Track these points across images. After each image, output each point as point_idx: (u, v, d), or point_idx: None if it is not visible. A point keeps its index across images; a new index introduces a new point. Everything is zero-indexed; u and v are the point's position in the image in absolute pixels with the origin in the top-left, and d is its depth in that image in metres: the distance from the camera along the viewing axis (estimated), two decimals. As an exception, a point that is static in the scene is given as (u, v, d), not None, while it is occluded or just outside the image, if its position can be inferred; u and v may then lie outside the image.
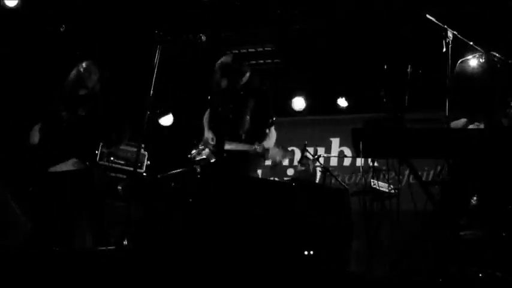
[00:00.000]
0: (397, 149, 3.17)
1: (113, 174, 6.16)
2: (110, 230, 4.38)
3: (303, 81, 6.47)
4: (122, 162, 5.83)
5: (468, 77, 3.23)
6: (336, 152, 6.55)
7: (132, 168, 6.09)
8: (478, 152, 3.24)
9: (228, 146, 4.11)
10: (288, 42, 5.72)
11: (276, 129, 6.75)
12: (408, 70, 3.12)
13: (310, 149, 6.60)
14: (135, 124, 4.02)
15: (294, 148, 6.78)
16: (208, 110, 4.35)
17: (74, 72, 4.49)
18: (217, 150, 4.14)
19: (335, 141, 6.59)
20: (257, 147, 4.06)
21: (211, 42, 4.20)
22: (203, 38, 3.96)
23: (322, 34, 5.49)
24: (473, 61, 3.36)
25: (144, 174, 6.16)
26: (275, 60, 6.18)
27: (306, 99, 6.59)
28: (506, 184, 3.30)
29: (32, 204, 4.21)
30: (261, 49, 5.95)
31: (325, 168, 5.27)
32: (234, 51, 6.06)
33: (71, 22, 5.84)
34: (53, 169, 4.16)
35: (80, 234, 4.97)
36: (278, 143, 6.73)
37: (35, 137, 4.31)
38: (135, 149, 4.69)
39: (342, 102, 6.39)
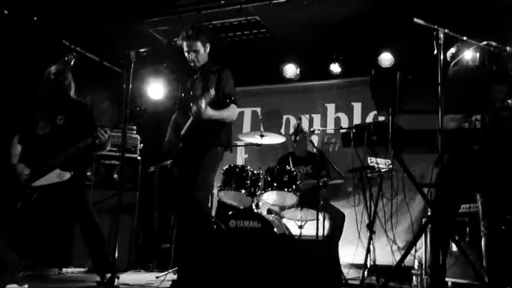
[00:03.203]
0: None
1: (107, 162, 6.14)
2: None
3: (293, 48, 6.20)
4: (114, 148, 5.77)
5: (462, 78, 3.05)
6: (332, 118, 6.40)
7: (127, 154, 6.12)
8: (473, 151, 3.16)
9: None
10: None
11: (269, 97, 6.71)
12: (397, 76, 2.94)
13: (305, 117, 6.49)
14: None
15: (289, 116, 6.65)
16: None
17: (46, 78, 4.31)
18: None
19: (330, 107, 6.42)
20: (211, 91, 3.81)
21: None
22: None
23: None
24: (466, 57, 3.18)
25: (139, 158, 6.10)
26: (261, 30, 5.88)
27: (298, 66, 6.36)
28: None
29: (23, 221, 4.16)
30: (245, 21, 5.65)
31: (320, 152, 5.15)
32: (217, 24, 5.81)
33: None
34: (38, 183, 4.06)
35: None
36: (272, 111, 6.68)
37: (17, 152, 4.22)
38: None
39: (335, 67, 6.16)
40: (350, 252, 5.18)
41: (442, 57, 2.96)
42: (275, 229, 4.68)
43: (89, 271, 5.00)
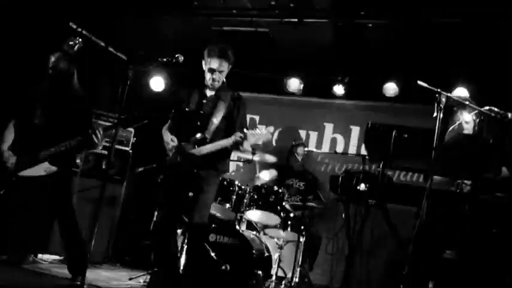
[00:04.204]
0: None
1: (99, 152, 6.10)
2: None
3: (300, 63, 6.14)
4: (107, 139, 5.71)
5: (458, 145, 3.02)
6: (329, 138, 6.36)
7: (118, 146, 6.08)
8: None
9: (202, 149, 3.95)
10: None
11: (268, 107, 6.66)
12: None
13: (302, 132, 6.47)
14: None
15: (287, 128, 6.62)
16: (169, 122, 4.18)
17: (49, 67, 4.25)
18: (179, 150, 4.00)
19: (328, 127, 6.38)
20: (237, 137, 3.83)
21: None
22: (180, 58, 3.67)
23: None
24: (465, 124, 3.14)
25: (130, 151, 6.06)
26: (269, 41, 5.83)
27: (302, 82, 6.30)
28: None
29: (2, 208, 4.13)
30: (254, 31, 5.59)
31: (314, 177, 5.16)
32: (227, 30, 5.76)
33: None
34: (24, 173, 4.03)
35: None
36: (271, 122, 6.64)
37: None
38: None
39: (339, 89, 6.10)
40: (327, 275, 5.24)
41: (440, 119, 2.92)
42: (253, 250, 4.66)
43: (64, 260, 4.99)
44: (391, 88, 5.88)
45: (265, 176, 5.42)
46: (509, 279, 3.32)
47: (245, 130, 3.87)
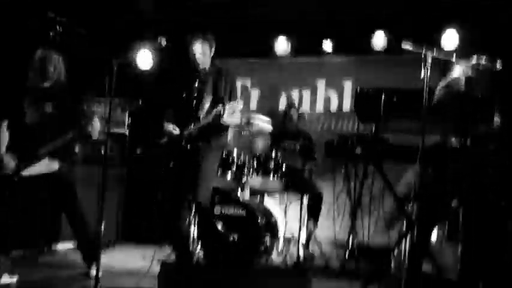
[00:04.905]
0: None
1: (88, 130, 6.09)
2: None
3: (286, 23, 6.08)
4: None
5: (447, 104, 3.05)
6: (322, 96, 6.36)
7: (115, 129, 6.09)
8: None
9: (189, 130, 4.18)
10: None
11: (258, 71, 6.63)
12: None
13: (295, 93, 6.48)
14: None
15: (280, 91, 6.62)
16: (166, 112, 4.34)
17: (35, 62, 4.22)
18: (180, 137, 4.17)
19: (321, 84, 6.36)
20: (215, 112, 4.07)
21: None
22: (163, 42, 3.69)
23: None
24: (453, 81, 3.15)
25: (127, 133, 6.08)
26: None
27: (289, 41, 6.24)
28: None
29: (10, 209, 4.19)
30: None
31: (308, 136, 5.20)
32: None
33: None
34: (26, 172, 4.08)
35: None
36: (262, 86, 6.63)
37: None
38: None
39: (327, 45, 6.05)
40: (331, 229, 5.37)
41: (427, 79, 2.94)
42: (259, 217, 4.77)
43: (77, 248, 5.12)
44: (379, 40, 5.83)
45: (259, 144, 5.47)
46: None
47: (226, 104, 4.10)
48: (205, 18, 6.03)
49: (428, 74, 2.93)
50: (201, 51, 4.17)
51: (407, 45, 2.93)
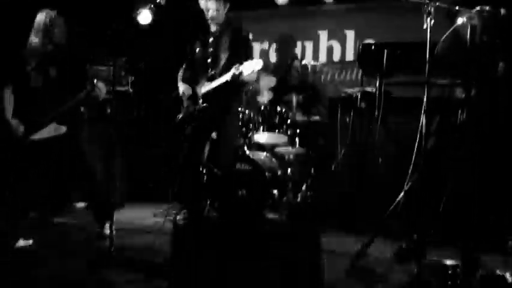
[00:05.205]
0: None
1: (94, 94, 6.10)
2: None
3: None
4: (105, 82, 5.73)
5: (453, 49, 3.02)
6: (325, 46, 6.29)
7: (118, 88, 6.08)
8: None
9: (205, 88, 4.12)
10: None
11: (257, 23, 6.52)
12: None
13: (297, 44, 6.40)
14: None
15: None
16: (183, 65, 4.29)
17: (38, 25, 4.18)
18: (193, 100, 4.18)
19: (323, 34, 6.28)
20: (234, 70, 4.05)
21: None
22: (162, 1, 3.64)
23: None
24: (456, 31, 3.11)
25: (131, 91, 6.07)
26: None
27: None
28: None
29: (21, 173, 4.27)
30: None
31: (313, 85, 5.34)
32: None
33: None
34: (34, 137, 4.12)
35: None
36: (263, 38, 6.54)
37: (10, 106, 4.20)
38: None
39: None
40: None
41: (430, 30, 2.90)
42: (266, 172, 4.83)
43: (88, 207, 5.22)
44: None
45: (263, 98, 5.46)
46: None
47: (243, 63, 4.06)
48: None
49: (431, 24, 2.89)
50: (215, 8, 4.14)
51: (410, -4, 2.88)
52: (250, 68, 3.99)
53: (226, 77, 4.10)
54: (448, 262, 3.29)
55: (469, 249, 3.26)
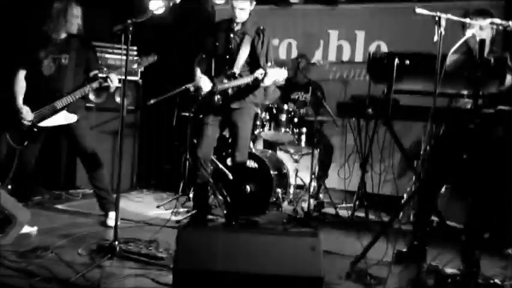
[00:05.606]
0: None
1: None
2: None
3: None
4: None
5: (459, 67, 3.06)
6: (335, 45, 6.31)
7: (128, 77, 6.08)
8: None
9: (225, 85, 4.18)
10: None
11: (270, 19, 6.54)
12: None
13: (308, 42, 6.42)
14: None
15: (291, 40, 6.55)
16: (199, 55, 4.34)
17: (53, 12, 4.22)
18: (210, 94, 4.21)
19: (333, 34, 6.29)
20: (258, 75, 4.08)
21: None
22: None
23: None
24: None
25: (140, 80, 6.11)
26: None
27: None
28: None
29: (29, 158, 4.34)
30: None
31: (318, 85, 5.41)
32: None
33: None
34: (44, 123, 4.19)
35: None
36: (273, 34, 6.55)
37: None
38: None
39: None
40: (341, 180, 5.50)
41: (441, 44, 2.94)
42: (271, 169, 4.90)
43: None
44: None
45: (270, 96, 5.51)
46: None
47: (268, 64, 4.14)
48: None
49: (442, 35, 2.92)
50: (242, 7, 4.12)
51: (421, 10, 2.92)
52: (274, 77, 4.04)
53: (248, 79, 4.13)
54: (448, 269, 3.36)
55: (469, 254, 3.32)
